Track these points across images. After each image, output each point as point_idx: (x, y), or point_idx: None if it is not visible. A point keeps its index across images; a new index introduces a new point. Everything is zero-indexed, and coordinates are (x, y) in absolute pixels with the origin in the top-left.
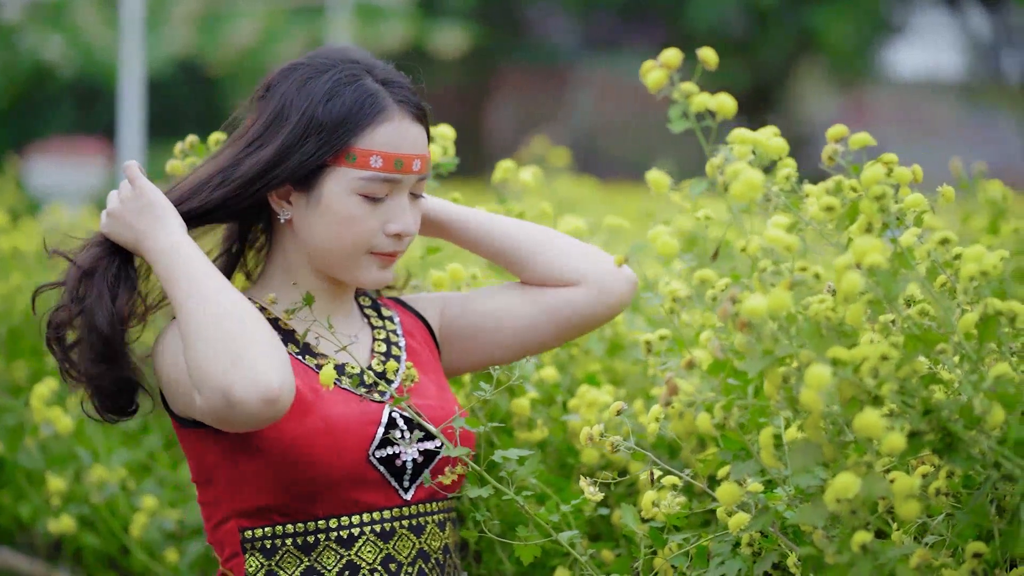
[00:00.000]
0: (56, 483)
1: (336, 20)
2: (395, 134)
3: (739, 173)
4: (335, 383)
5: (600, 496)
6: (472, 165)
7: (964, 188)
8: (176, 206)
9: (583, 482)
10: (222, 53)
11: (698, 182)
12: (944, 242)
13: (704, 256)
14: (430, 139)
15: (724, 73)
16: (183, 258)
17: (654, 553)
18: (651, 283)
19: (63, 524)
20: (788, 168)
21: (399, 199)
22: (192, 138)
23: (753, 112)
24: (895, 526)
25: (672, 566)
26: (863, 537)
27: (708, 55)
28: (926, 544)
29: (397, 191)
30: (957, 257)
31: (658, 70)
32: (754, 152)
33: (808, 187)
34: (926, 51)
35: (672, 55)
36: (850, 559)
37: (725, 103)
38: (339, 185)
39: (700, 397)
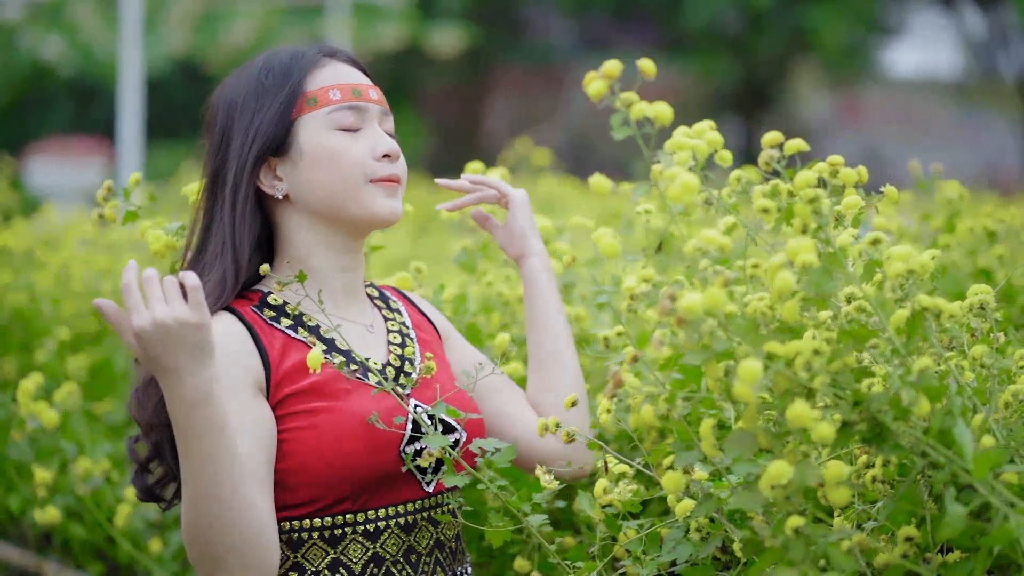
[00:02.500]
0: (42, 475)
1: (333, 20)
2: (340, 73)
3: (675, 176)
4: (360, 379)
5: (555, 484)
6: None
7: (922, 188)
8: (234, 261)
9: (539, 470)
10: (220, 52)
11: (639, 186)
12: (875, 242)
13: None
14: (376, 86)
15: (718, 72)
16: (204, 419)
17: (614, 539)
18: (616, 280)
19: (48, 515)
20: (741, 172)
21: (373, 128)
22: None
23: (747, 111)
24: (837, 513)
25: (627, 551)
26: (796, 522)
27: (646, 66)
28: (864, 529)
29: (367, 122)
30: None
31: (599, 80)
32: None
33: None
34: (922, 51)
35: (612, 65)
36: (784, 543)
37: (662, 111)
38: (312, 129)
39: (643, 390)
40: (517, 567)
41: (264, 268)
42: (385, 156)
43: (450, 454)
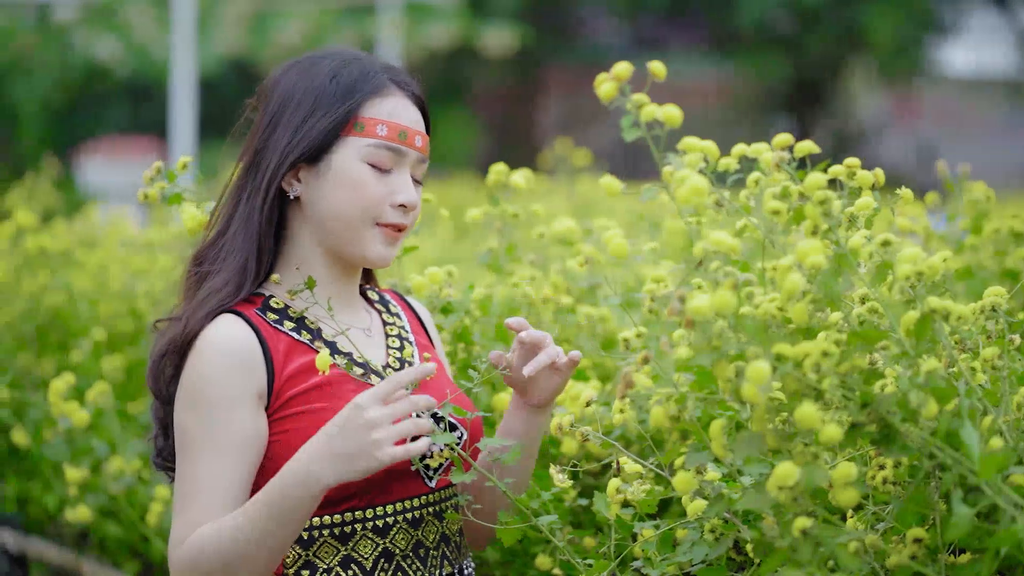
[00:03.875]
0: (73, 474)
1: (385, 19)
2: (398, 108)
3: (685, 179)
4: (363, 379)
5: (568, 483)
6: (521, 164)
7: (949, 189)
8: (258, 249)
9: (552, 469)
10: (273, 53)
11: (649, 188)
12: (885, 244)
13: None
14: (429, 130)
15: (770, 71)
16: (307, 511)
17: (634, 538)
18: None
19: (80, 514)
20: (759, 174)
21: (403, 174)
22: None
23: (800, 110)
24: (850, 513)
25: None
26: (803, 523)
27: (656, 68)
28: (876, 530)
29: (401, 166)
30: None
31: (609, 82)
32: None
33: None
34: (976, 49)
35: (623, 67)
36: (791, 544)
37: (672, 114)
38: (348, 153)
39: (652, 391)
40: (538, 564)
41: (275, 277)
42: (401, 206)
43: (457, 451)
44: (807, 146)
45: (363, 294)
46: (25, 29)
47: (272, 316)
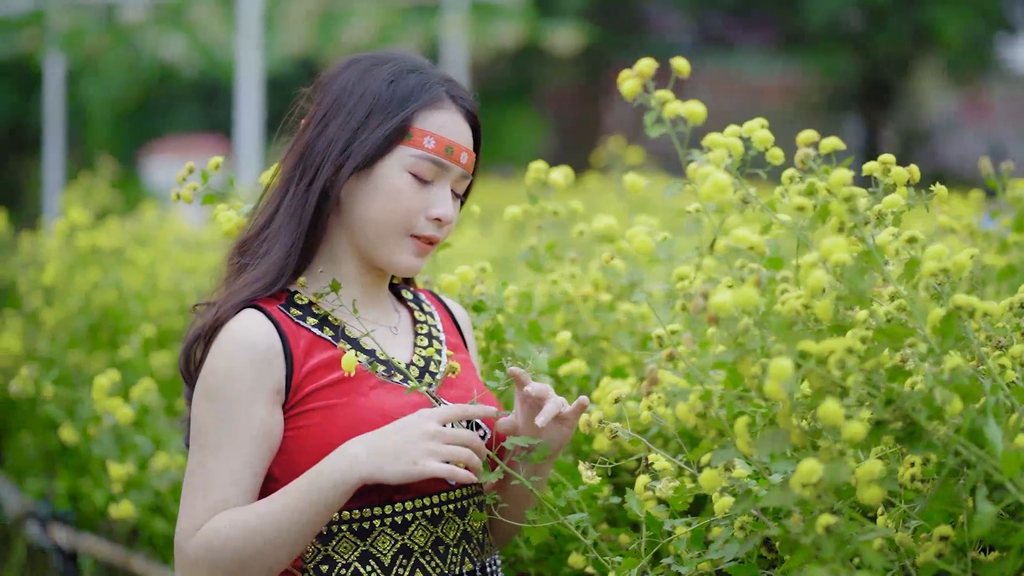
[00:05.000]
0: (118, 470)
1: (451, 18)
2: (450, 122)
3: (708, 175)
4: (384, 376)
5: (596, 480)
6: (587, 162)
7: (992, 187)
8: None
9: (581, 467)
10: (339, 52)
11: (673, 185)
12: (912, 240)
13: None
14: (479, 149)
15: (838, 70)
16: (338, 501)
17: (669, 535)
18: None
19: (124, 510)
20: (793, 171)
21: (443, 188)
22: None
23: (869, 109)
24: (880, 511)
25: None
26: (827, 520)
27: (680, 65)
28: (907, 528)
29: (442, 179)
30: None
31: (633, 79)
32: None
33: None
34: None
35: (646, 64)
36: (815, 541)
37: (695, 110)
38: (391, 161)
39: (676, 388)
40: (571, 562)
41: (301, 281)
42: (436, 219)
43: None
44: (832, 143)
45: (396, 292)
46: (93, 30)
47: (295, 312)
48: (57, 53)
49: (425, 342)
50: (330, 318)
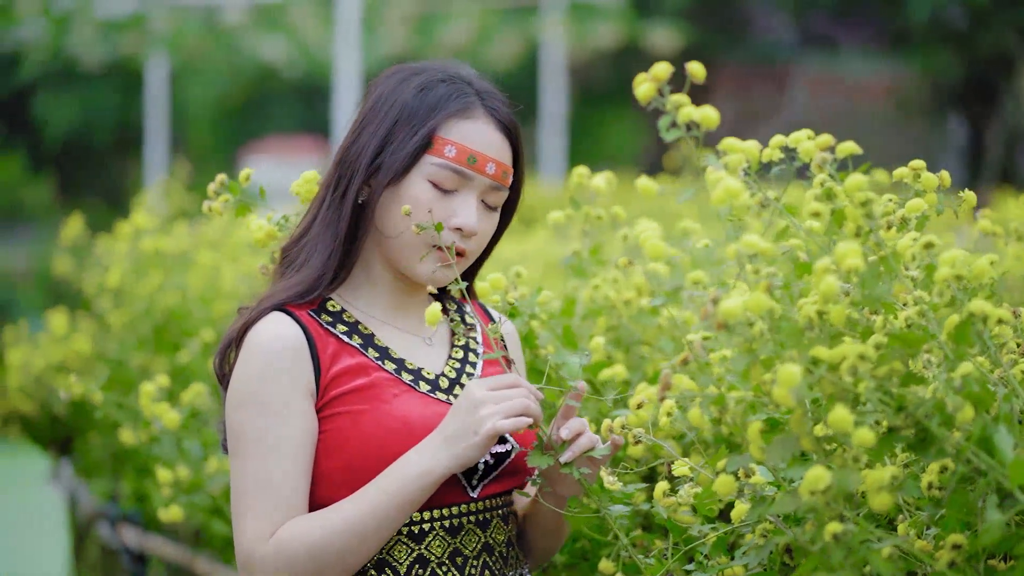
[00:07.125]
0: (164, 475)
1: (549, 19)
2: (476, 132)
3: (720, 180)
4: (411, 386)
5: (618, 485)
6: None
7: None
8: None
9: (603, 472)
10: (438, 53)
11: (686, 189)
12: (928, 246)
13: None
14: (519, 158)
15: (941, 68)
16: (422, 493)
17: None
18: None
19: (172, 513)
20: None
21: (468, 197)
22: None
23: (972, 109)
24: (900, 518)
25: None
26: (835, 527)
27: (696, 69)
28: (925, 537)
29: (467, 189)
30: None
31: (648, 83)
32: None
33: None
34: None
35: (661, 68)
36: (823, 548)
37: (709, 115)
38: (417, 171)
39: (690, 393)
40: (601, 568)
41: (333, 303)
42: (457, 229)
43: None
44: (849, 147)
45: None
46: (195, 32)
47: (326, 318)
48: (159, 55)
49: (460, 353)
50: (360, 326)
